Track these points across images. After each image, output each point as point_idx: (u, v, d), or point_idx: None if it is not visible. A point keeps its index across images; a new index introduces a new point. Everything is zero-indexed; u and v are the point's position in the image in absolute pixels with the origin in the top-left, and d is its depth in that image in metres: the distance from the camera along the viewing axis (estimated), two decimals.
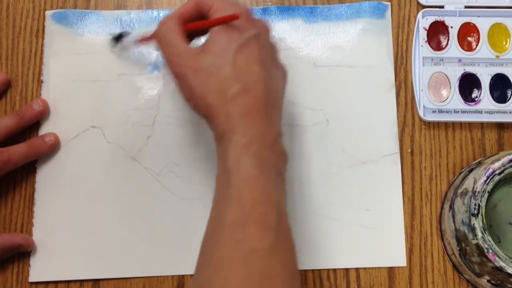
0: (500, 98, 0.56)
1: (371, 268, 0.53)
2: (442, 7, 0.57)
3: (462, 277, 0.53)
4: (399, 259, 0.53)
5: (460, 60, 0.57)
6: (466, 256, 0.49)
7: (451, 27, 0.57)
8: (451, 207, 0.51)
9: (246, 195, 0.40)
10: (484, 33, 0.57)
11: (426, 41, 0.57)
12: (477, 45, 0.57)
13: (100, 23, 0.57)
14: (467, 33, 0.57)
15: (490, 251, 0.46)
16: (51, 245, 0.53)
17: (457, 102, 0.56)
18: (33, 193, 0.54)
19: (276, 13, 0.58)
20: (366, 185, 0.54)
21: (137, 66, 0.56)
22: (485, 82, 0.56)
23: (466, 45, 0.57)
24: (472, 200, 0.47)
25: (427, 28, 0.57)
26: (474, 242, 0.47)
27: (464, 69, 0.57)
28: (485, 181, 0.47)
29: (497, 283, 0.48)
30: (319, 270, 0.53)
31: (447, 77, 0.56)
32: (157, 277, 0.53)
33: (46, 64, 0.56)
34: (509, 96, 0.56)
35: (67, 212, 0.53)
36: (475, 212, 0.47)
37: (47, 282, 0.52)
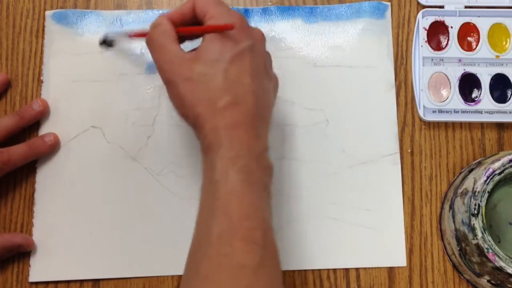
0: (500, 98, 0.56)
1: (371, 268, 0.53)
2: (442, 7, 0.57)
3: (462, 277, 0.53)
4: (399, 259, 0.53)
5: (460, 60, 0.57)
6: (466, 256, 0.49)
7: (451, 27, 0.57)
8: (451, 207, 0.51)
9: (233, 209, 0.40)
10: (484, 33, 0.57)
11: (426, 41, 0.57)
12: (477, 45, 0.57)
13: (100, 23, 0.57)
14: (467, 33, 0.57)
15: (490, 251, 0.46)
16: (51, 245, 0.53)
17: (457, 102, 0.56)
18: (33, 193, 0.54)
19: (276, 13, 0.58)
20: (366, 185, 0.54)
21: (135, 64, 0.56)
22: (485, 82, 0.56)
23: (466, 45, 0.57)
24: (472, 200, 0.47)
25: (427, 28, 0.57)
26: (474, 242, 0.47)
27: (464, 69, 0.57)
28: (485, 181, 0.47)
29: (497, 283, 0.48)
30: (319, 270, 0.53)
31: (447, 77, 0.56)
32: (157, 277, 0.53)
33: (46, 64, 0.56)
34: (509, 96, 0.56)
35: (67, 212, 0.53)
36: (475, 212, 0.47)
37: (47, 282, 0.52)
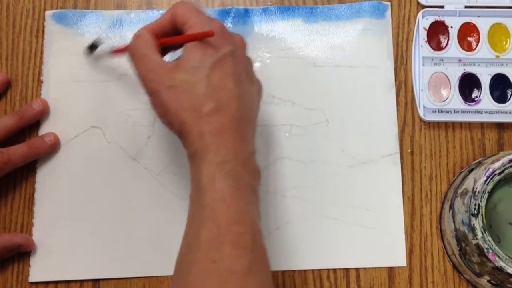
0: (500, 98, 0.56)
1: (371, 268, 0.53)
2: (442, 7, 0.57)
3: (462, 277, 0.53)
4: (399, 259, 0.53)
5: (460, 60, 0.57)
6: (466, 256, 0.49)
7: (451, 27, 0.57)
8: (451, 207, 0.51)
9: (221, 214, 0.39)
10: (484, 33, 0.57)
11: (426, 41, 0.57)
12: (477, 45, 0.57)
13: (100, 23, 0.57)
14: (467, 33, 0.57)
15: (490, 251, 0.46)
16: (51, 245, 0.53)
17: (457, 102, 0.56)
18: (33, 193, 0.54)
19: (276, 13, 0.58)
20: (366, 185, 0.54)
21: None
22: (485, 82, 0.56)
23: (466, 45, 0.57)
24: (472, 200, 0.47)
25: (427, 28, 0.57)
26: (474, 242, 0.47)
27: (464, 69, 0.57)
28: (485, 181, 0.47)
29: (497, 283, 0.48)
30: (319, 270, 0.53)
31: (447, 77, 0.56)
32: (157, 277, 0.53)
33: (46, 64, 0.56)
34: (509, 96, 0.56)
35: (67, 212, 0.53)
36: (475, 212, 0.47)
37: (47, 282, 0.52)
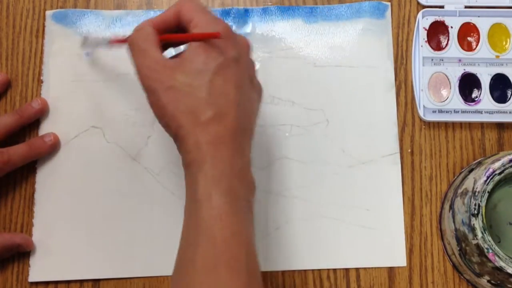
0: (500, 98, 0.56)
1: (371, 268, 0.53)
2: (442, 7, 0.57)
3: (462, 277, 0.53)
4: (399, 259, 0.53)
5: (460, 60, 0.57)
6: (466, 256, 0.49)
7: (451, 27, 0.57)
8: (451, 207, 0.51)
9: (217, 234, 0.39)
10: (484, 33, 0.57)
11: (426, 41, 0.57)
12: (477, 45, 0.57)
13: (100, 23, 0.57)
14: (467, 33, 0.57)
15: (490, 251, 0.46)
16: (51, 245, 0.53)
17: (457, 102, 0.56)
18: (33, 193, 0.54)
19: (276, 13, 0.58)
20: (366, 185, 0.54)
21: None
22: (485, 82, 0.56)
23: (466, 45, 0.57)
24: (472, 200, 0.47)
25: (427, 28, 0.57)
26: (474, 242, 0.47)
27: (464, 69, 0.57)
28: (485, 181, 0.47)
29: (497, 283, 0.48)
30: (319, 270, 0.53)
31: (447, 77, 0.56)
32: (157, 277, 0.53)
33: (46, 64, 0.56)
34: (509, 96, 0.56)
35: (67, 212, 0.53)
36: (475, 212, 0.47)
37: (47, 282, 0.52)
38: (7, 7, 0.58)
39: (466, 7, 0.57)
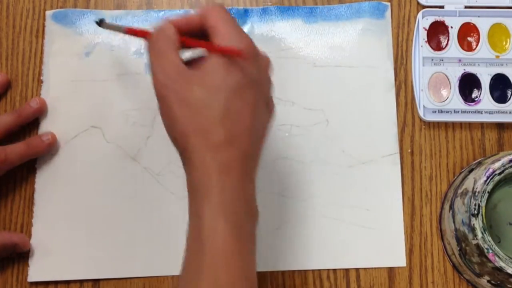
0: (500, 98, 0.56)
1: (371, 268, 0.53)
2: (442, 7, 0.57)
3: (462, 277, 0.53)
4: (399, 259, 0.53)
5: (460, 60, 0.57)
6: (466, 256, 0.49)
7: (451, 27, 0.57)
8: (451, 207, 0.51)
9: (221, 270, 0.37)
10: (484, 33, 0.57)
11: (426, 41, 0.57)
12: (477, 45, 0.57)
13: None
14: (467, 33, 0.57)
15: (490, 251, 0.46)
16: (51, 245, 0.53)
17: (457, 102, 0.56)
18: (33, 193, 0.54)
19: (276, 13, 0.58)
20: (366, 185, 0.54)
21: (135, 64, 0.56)
22: (485, 82, 0.56)
23: (466, 45, 0.57)
24: (472, 200, 0.47)
25: (427, 28, 0.57)
26: (474, 242, 0.47)
27: (464, 69, 0.56)
28: (485, 181, 0.47)
29: (497, 283, 0.48)
30: (319, 270, 0.53)
31: (447, 77, 0.56)
32: (157, 277, 0.52)
33: (46, 64, 0.56)
34: (509, 96, 0.56)
35: (67, 212, 0.53)
36: (475, 212, 0.47)
37: (47, 282, 0.52)
38: (7, 7, 0.58)
39: (466, 7, 0.57)
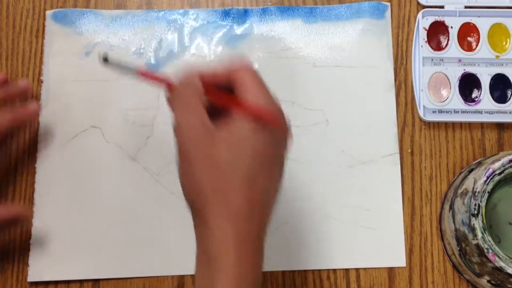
0: (500, 98, 0.56)
1: (371, 268, 0.53)
2: (442, 7, 0.57)
3: (462, 277, 0.53)
4: (399, 259, 0.53)
5: (460, 60, 0.57)
6: (466, 256, 0.49)
7: (451, 27, 0.57)
8: (451, 207, 0.51)
9: None
10: (484, 33, 0.57)
11: (426, 41, 0.57)
12: (477, 45, 0.57)
13: (100, 23, 0.57)
14: (467, 33, 0.57)
15: (490, 251, 0.46)
16: (51, 245, 0.53)
17: (457, 102, 0.56)
18: (33, 193, 0.54)
19: (276, 13, 0.58)
20: (366, 185, 0.54)
21: (135, 64, 0.56)
22: (485, 82, 0.56)
23: (466, 45, 0.57)
24: (472, 200, 0.47)
25: (427, 28, 0.57)
26: (474, 242, 0.47)
27: (464, 69, 0.56)
28: (485, 181, 0.47)
29: (497, 283, 0.48)
30: (319, 270, 0.53)
31: (447, 77, 0.56)
32: (157, 277, 0.52)
33: (46, 64, 0.56)
34: (509, 96, 0.56)
35: (67, 212, 0.53)
36: (475, 212, 0.47)
37: (47, 282, 0.52)
38: (7, 7, 0.58)
39: (466, 7, 0.57)
